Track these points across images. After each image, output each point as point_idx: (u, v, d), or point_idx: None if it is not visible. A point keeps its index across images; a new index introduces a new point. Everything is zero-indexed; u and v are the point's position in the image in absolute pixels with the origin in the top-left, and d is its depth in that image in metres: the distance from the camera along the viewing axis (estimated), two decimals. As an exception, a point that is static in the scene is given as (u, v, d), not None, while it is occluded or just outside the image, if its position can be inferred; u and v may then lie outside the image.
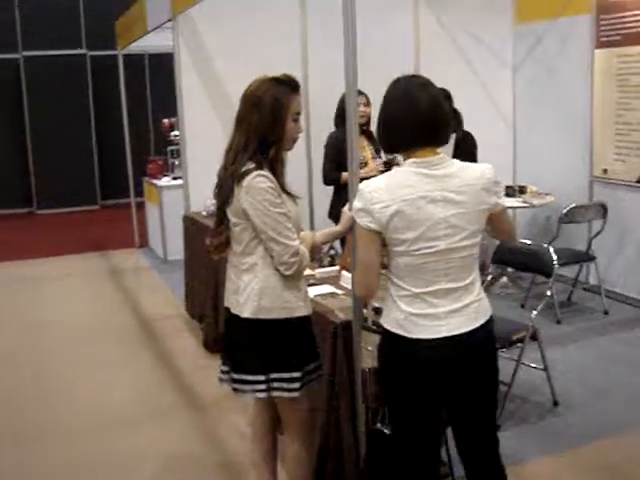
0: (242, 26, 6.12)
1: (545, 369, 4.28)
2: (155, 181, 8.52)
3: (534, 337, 4.15)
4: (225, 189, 2.69)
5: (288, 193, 2.74)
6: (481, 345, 2.47)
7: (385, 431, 2.91)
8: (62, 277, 7.91)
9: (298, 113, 2.74)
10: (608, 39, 5.99)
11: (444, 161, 2.41)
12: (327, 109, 5.29)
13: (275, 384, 2.73)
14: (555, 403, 4.25)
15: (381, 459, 2.94)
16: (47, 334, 6.02)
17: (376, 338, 2.91)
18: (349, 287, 3.57)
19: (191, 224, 6.00)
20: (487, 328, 2.47)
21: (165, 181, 8.40)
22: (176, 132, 8.60)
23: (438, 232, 2.35)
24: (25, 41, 11.91)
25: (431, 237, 2.35)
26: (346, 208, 2.98)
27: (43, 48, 11.63)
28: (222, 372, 2.90)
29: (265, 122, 2.65)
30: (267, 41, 6.09)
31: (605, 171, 6.18)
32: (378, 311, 2.95)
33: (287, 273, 2.66)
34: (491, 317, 2.51)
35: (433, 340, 2.39)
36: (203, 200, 5.93)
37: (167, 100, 11.00)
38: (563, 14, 6.45)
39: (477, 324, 2.43)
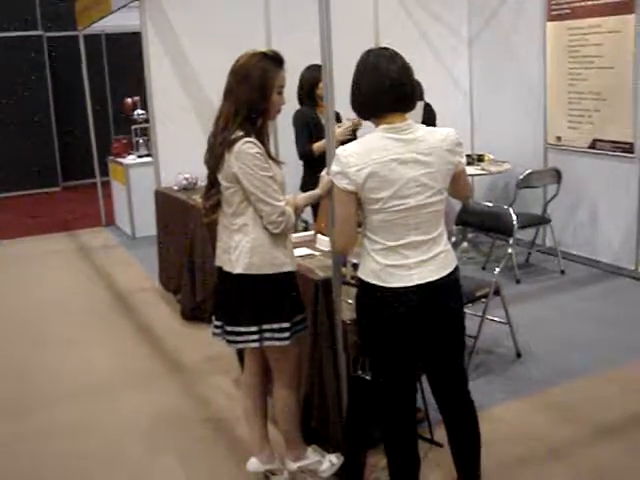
0: (207, 5, 6.25)
1: (508, 323, 4.57)
2: (121, 160, 8.62)
3: (497, 292, 4.42)
4: (216, 155, 2.89)
5: (273, 159, 2.95)
6: (448, 291, 2.74)
7: (366, 377, 3.16)
8: (30, 257, 7.99)
9: (282, 86, 2.95)
10: (559, 12, 6.28)
11: (411, 126, 2.66)
12: (291, 87, 5.47)
13: (267, 334, 2.94)
14: (518, 354, 4.55)
15: (362, 404, 3.19)
16: (20, 311, 6.14)
17: (354, 291, 3.15)
18: (325, 249, 3.81)
19: (163, 198, 6.15)
20: (453, 276, 2.75)
21: (131, 159, 8.50)
22: (139, 111, 8.76)
23: (409, 190, 2.60)
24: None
25: (402, 195, 2.60)
26: (324, 173, 3.20)
27: (-1, 30, 11.57)
28: (215, 327, 3.09)
29: (253, 94, 2.86)
30: (233, 20, 6.23)
31: (559, 138, 6.49)
32: (356, 267, 3.18)
33: (275, 231, 2.88)
34: (457, 266, 2.78)
35: (406, 288, 2.64)
36: (173, 176, 6.11)
37: (126, 80, 11.14)
38: (515, -11, 6.74)
39: (444, 273, 2.70)
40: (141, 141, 8.68)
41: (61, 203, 11.32)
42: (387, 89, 2.64)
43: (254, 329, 2.94)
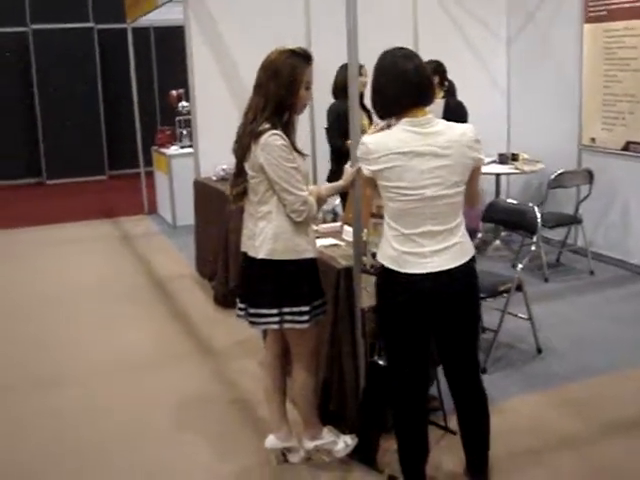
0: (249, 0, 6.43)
1: (530, 319, 4.64)
2: (164, 150, 8.86)
3: (519, 288, 4.50)
4: (243, 146, 3.07)
5: (298, 151, 3.11)
6: (463, 280, 2.85)
7: (380, 362, 3.30)
8: (74, 241, 8.29)
9: (309, 82, 3.11)
10: (596, 14, 6.31)
11: (431, 120, 2.80)
12: (330, 79, 5.64)
13: (287, 317, 3.11)
14: (539, 350, 4.62)
15: (377, 389, 3.33)
16: (63, 293, 6.40)
17: (373, 280, 3.29)
18: (350, 239, 3.94)
19: (202, 188, 6.35)
20: (469, 266, 2.85)
21: (174, 150, 8.74)
22: (184, 103, 8.96)
23: (425, 181, 2.73)
24: (33, 14, 12.18)
25: (419, 185, 2.73)
26: (348, 165, 3.35)
27: (51, 21, 11.91)
28: (240, 309, 3.26)
29: (282, 89, 3.02)
30: (273, 14, 6.42)
31: (593, 140, 6.52)
32: (375, 256, 3.32)
33: (298, 220, 3.04)
34: (473, 257, 2.89)
35: (421, 275, 2.77)
36: (212, 166, 6.29)
37: (173, 72, 11.38)
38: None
39: (459, 263, 2.81)
40: (184, 132, 8.90)
41: (107, 191, 11.65)
42: (407, 86, 2.79)
43: (275, 311, 3.10)
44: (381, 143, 2.77)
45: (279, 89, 3.02)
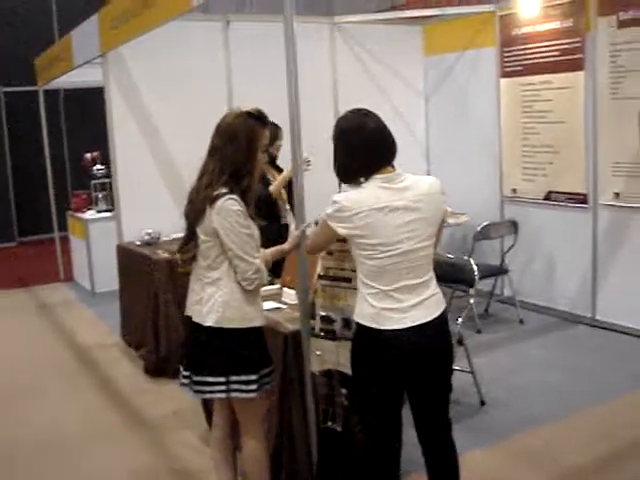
0: (168, 62, 6.36)
1: (472, 372, 4.64)
2: (80, 215, 8.58)
3: (460, 342, 4.49)
4: (197, 210, 2.95)
5: (252, 218, 3.01)
6: (439, 331, 2.83)
7: (337, 429, 3.19)
8: (-12, 313, 7.87)
9: (266, 145, 3.05)
10: (511, 69, 6.52)
11: (400, 176, 2.80)
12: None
13: (234, 386, 2.97)
14: (482, 403, 4.61)
15: (333, 456, 3.21)
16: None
17: (323, 343, 3.21)
18: (291, 302, 3.86)
19: (126, 253, 6.15)
20: (442, 318, 2.84)
21: (91, 214, 8.47)
22: (99, 166, 8.76)
23: (400, 236, 2.71)
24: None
25: (395, 241, 2.70)
26: (292, 228, 3.28)
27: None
28: (184, 377, 3.11)
29: (240, 153, 2.95)
30: (193, 75, 6.38)
31: (514, 190, 6.67)
32: (325, 320, 3.24)
33: (249, 288, 2.96)
34: (445, 308, 2.88)
35: (400, 330, 2.72)
36: (135, 230, 6.15)
37: (81, 135, 11.16)
38: (470, 47, 6.98)
39: (435, 314, 2.79)
40: (100, 196, 8.66)
41: (18, 258, 11.18)
42: (378, 145, 2.79)
43: (222, 380, 2.97)
44: (355, 200, 2.73)
45: (236, 154, 2.94)
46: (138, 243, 6.08)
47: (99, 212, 8.47)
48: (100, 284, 8.11)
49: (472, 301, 4.60)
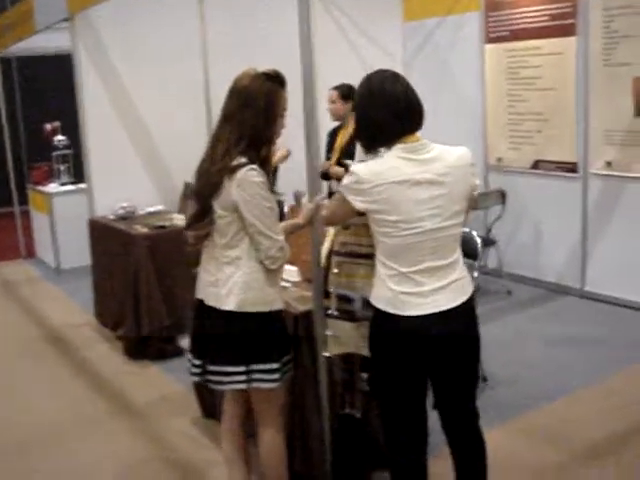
0: (140, 27, 6.01)
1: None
2: (42, 188, 8.18)
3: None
4: (213, 182, 2.66)
5: (274, 192, 2.76)
6: (465, 319, 2.58)
7: (356, 415, 2.99)
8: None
9: (285, 109, 2.76)
10: (497, 35, 6.33)
11: (426, 146, 2.51)
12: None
13: (256, 375, 2.73)
14: (484, 379, 4.46)
15: (352, 443, 3.02)
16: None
17: (339, 324, 2.99)
18: (294, 279, 3.63)
19: (99, 228, 5.83)
20: (468, 305, 2.58)
21: (53, 187, 8.07)
22: (60, 137, 8.34)
23: (423, 212, 2.44)
24: None
25: (416, 217, 2.44)
26: (305, 200, 3.04)
27: None
28: (195, 366, 2.85)
29: (259, 118, 2.66)
30: (166, 37, 6.05)
31: (499, 159, 6.51)
32: (342, 298, 3.02)
33: (272, 267, 2.70)
34: (473, 294, 2.62)
35: (419, 317, 2.47)
36: (107, 204, 5.83)
37: (38, 105, 10.65)
38: (452, 12, 6.75)
39: (459, 301, 2.53)
40: (62, 168, 8.26)
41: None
42: (400, 111, 2.50)
43: (242, 369, 2.72)
44: (374, 172, 2.46)
45: (255, 119, 2.65)
46: (112, 217, 5.77)
47: (62, 185, 8.08)
48: (66, 261, 7.79)
49: (476, 274, 4.41)
